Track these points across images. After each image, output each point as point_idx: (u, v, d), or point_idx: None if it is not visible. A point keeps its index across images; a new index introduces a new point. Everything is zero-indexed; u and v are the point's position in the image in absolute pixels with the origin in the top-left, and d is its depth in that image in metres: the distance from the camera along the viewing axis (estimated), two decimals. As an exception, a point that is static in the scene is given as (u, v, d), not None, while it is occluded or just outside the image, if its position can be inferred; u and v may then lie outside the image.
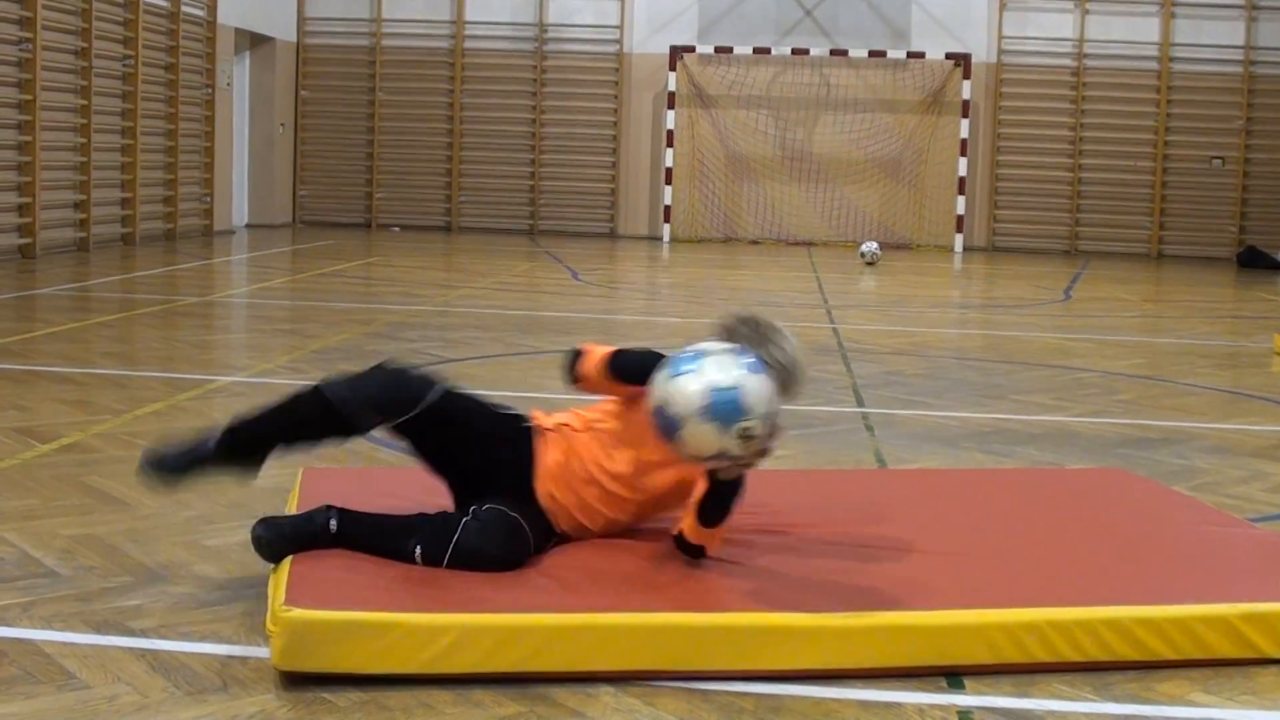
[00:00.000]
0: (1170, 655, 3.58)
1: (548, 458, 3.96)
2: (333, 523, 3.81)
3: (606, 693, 3.28)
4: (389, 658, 3.28)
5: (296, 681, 3.28)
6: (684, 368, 3.58)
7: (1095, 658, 3.54)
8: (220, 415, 6.72)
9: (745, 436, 3.53)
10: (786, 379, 3.90)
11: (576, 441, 3.98)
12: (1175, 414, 7.62)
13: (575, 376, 4.03)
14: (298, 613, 3.28)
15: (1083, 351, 10.19)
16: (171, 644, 3.51)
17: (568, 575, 3.72)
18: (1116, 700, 3.37)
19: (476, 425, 4.00)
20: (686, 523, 3.82)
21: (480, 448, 3.97)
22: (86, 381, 7.43)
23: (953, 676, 3.46)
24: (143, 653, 3.45)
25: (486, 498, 3.85)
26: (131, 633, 3.58)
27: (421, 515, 3.84)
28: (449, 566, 3.68)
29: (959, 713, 3.26)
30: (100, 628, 3.61)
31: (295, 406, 3.90)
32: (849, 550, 4.08)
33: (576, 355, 4.01)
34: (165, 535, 4.50)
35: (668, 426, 3.57)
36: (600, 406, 4.07)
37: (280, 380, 7.64)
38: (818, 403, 7.58)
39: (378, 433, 3.96)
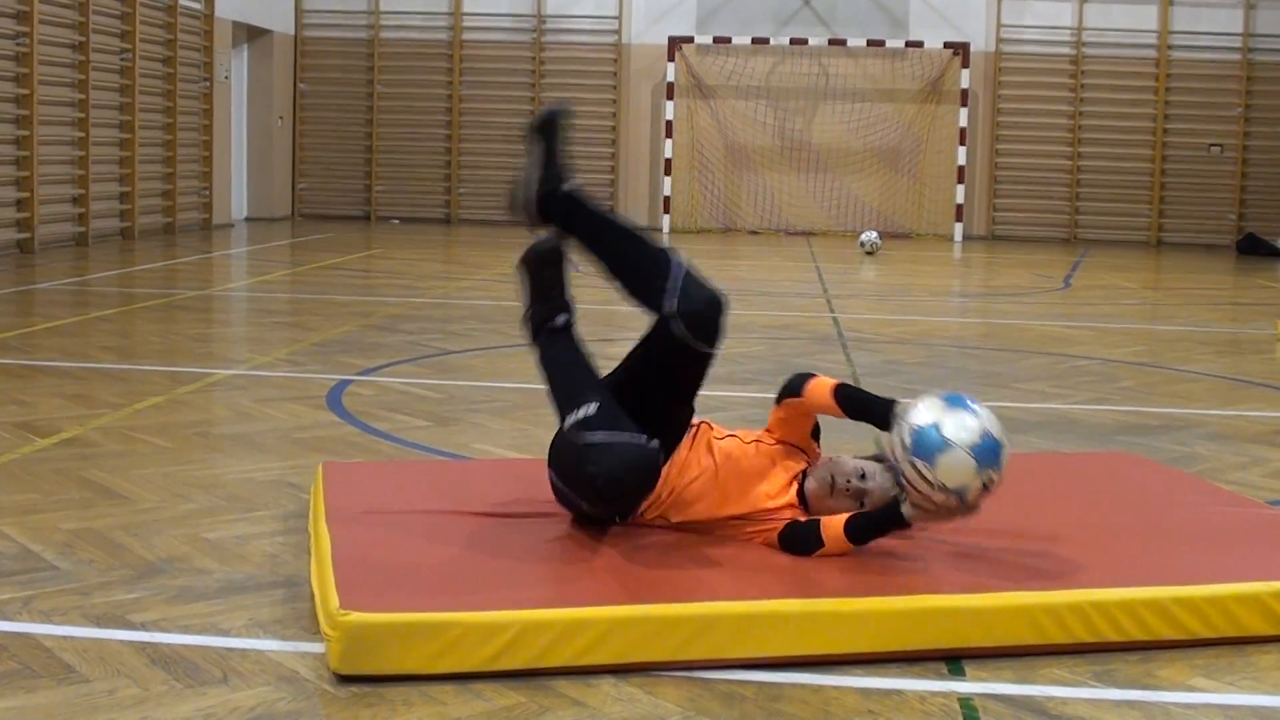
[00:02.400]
0: (1206, 634, 3.62)
1: (701, 440, 4.10)
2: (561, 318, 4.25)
3: (607, 682, 3.28)
4: (448, 657, 3.27)
5: (299, 674, 3.28)
6: (967, 404, 3.76)
7: (1134, 638, 3.58)
8: (220, 409, 6.75)
9: (984, 487, 3.71)
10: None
11: (725, 442, 4.13)
12: (1175, 401, 7.61)
13: (789, 396, 4.12)
14: (356, 616, 3.26)
15: (1083, 339, 10.19)
16: (171, 637, 3.51)
17: (611, 568, 3.74)
18: (1118, 686, 3.37)
19: (683, 386, 4.08)
20: (833, 523, 3.85)
21: (665, 394, 4.06)
22: (86, 376, 7.43)
23: (954, 663, 3.46)
24: (142, 646, 3.44)
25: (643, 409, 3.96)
26: (131, 626, 3.58)
27: (604, 392, 3.98)
28: (586, 445, 3.78)
29: (960, 699, 3.26)
30: (100, 621, 3.61)
31: (640, 242, 4.18)
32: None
33: (801, 380, 4.12)
34: (164, 528, 4.50)
35: (927, 443, 3.69)
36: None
37: (280, 374, 7.64)
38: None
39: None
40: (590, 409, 3.85)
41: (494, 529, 4.04)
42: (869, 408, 3.98)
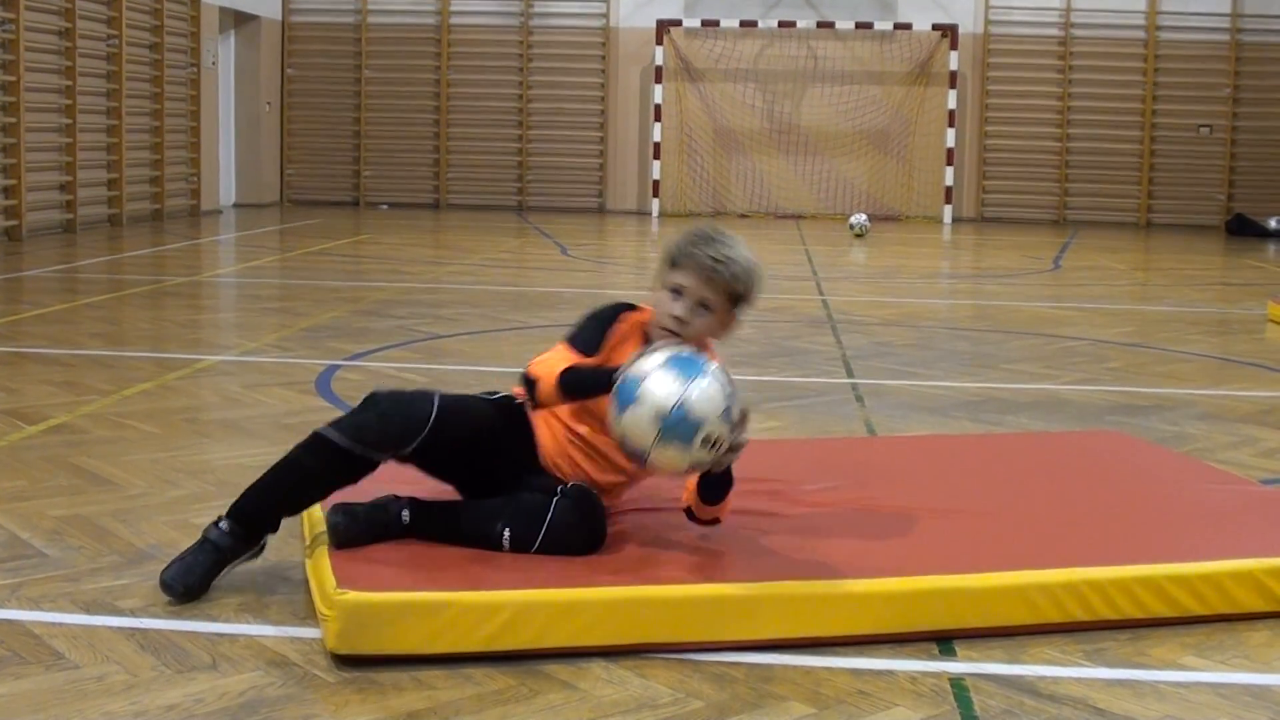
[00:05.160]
0: (1201, 611, 3.63)
1: (542, 431, 3.94)
2: (405, 513, 3.75)
3: (598, 665, 3.28)
4: (445, 637, 3.27)
5: (289, 659, 3.28)
6: (627, 401, 3.47)
7: (1129, 616, 3.59)
8: (209, 395, 6.73)
9: (709, 444, 3.47)
10: (747, 284, 3.83)
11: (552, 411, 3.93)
12: (1165, 381, 7.62)
13: (536, 405, 3.86)
14: (353, 595, 3.26)
15: (1072, 320, 10.19)
16: (160, 623, 3.50)
17: (607, 550, 3.73)
18: (1109, 665, 3.37)
19: (478, 422, 3.89)
20: (692, 502, 3.78)
21: (488, 441, 3.88)
22: (74, 363, 7.40)
23: (944, 643, 3.46)
24: (132, 632, 3.43)
25: (505, 486, 3.82)
26: (120, 612, 3.57)
27: (500, 500, 3.78)
28: (539, 550, 3.65)
29: (951, 679, 3.26)
30: (89, 608, 3.60)
31: (299, 462, 3.74)
32: (841, 517, 4.08)
33: (531, 385, 3.78)
34: (153, 515, 4.49)
35: (636, 458, 3.54)
36: None
37: (269, 359, 7.62)
38: (808, 374, 7.58)
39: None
40: (505, 536, 3.68)
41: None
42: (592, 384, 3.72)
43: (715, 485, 3.72)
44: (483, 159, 22.66)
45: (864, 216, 18.87)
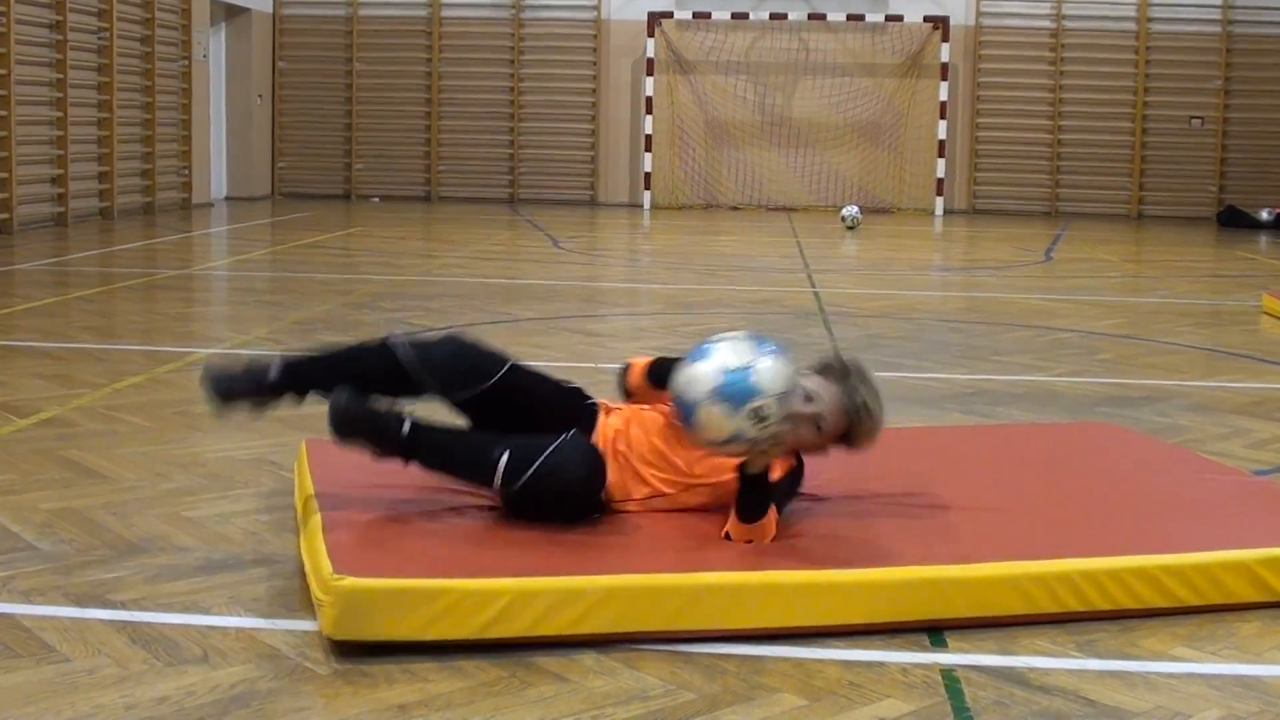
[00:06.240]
0: (1195, 601, 3.64)
1: (608, 428, 3.96)
2: (406, 425, 3.77)
3: (589, 656, 3.28)
4: (442, 624, 3.27)
5: (280, 651, 3.27)
6: (699, 356, 3.59)
7: (1123, 606, 3.59)
8: (200, 388, 6.71)
9: (758, 418, 3.52)
10: (856, 421, 3.88)
11: (643, 416, 3.98)
12: (1156, 372, 7.63)
13: (626, 391, 4.04)
14: (350, 581, 3.26)
15: (1064, 312, 10.20)
16: (152, 615, 3.49)
17: (604, 539, 3.74)
18: (1099, 656, 3.38)
19: (542, 400, 3.96)
20: (730, 521, 3.76)
21: (544, 421, 3.90)
22: (65, 356, 7.40)
23: (935, 634, 3.46)
24: (123, 625, 3.43)
25: None
26: (111, 605, 3.57)
27: (500, 436, 3.81)
28: (526, 485, 3.67)
29: (942, 670, 3.26)
30: (80, 601, 3.59)
31: (361, 356, 3.91)
32: (832, 508, 4.09)
33: (625, 370, 4.03)
34: (145, 508, 4.48)
35: (685, 413, 3.59)
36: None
37: (261, 350, 7.61)
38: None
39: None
40: (503, 460, 3.72)
41: (482, 500, 4.02)
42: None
43: (752, 493, 3.71)
44: (474, 152, 22.64)
45: (855, 208, 18.87)
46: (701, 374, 3.55)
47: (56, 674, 3.13)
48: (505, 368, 3.89)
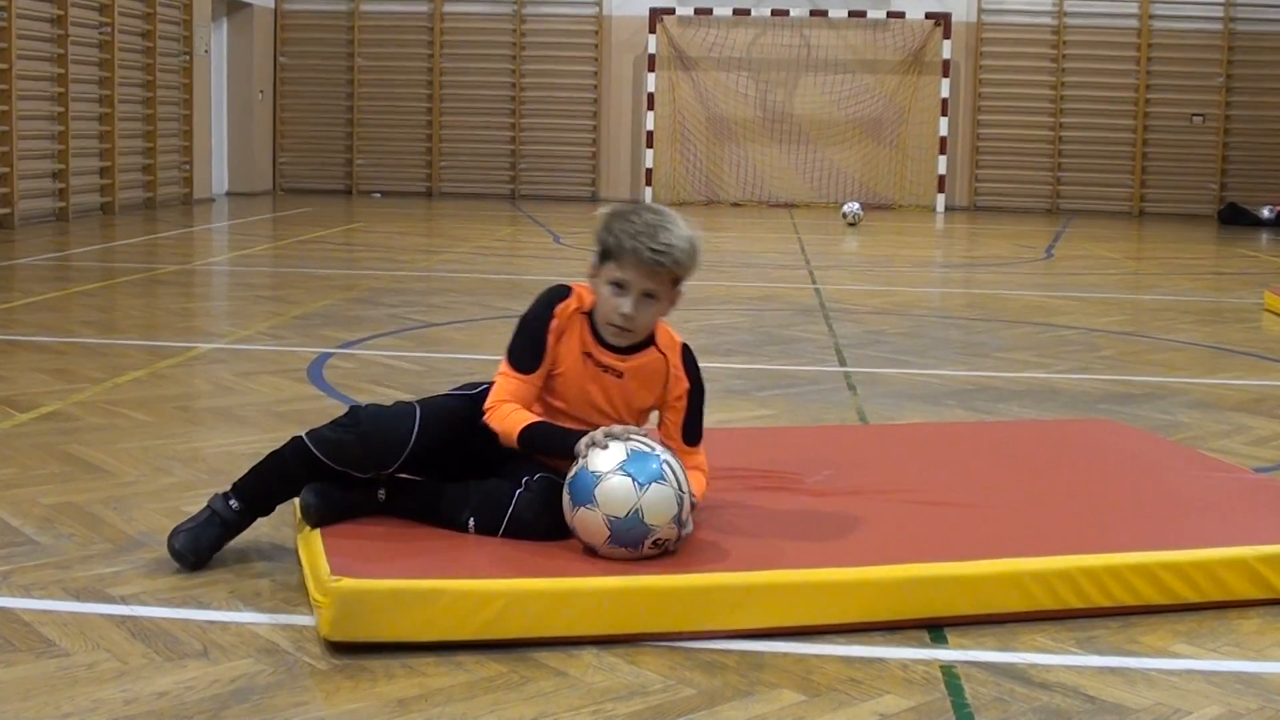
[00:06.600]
0: (1194, 598, 3.64)
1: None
2: (381, 492, 3.78)
3: (589, 653, 3.27)
4: (439, 625, 3.27)
5: (280, 646, 3.27)
6: (582, 500, 3.54)
7: (1123, 603, 3.59)
8: (201, 383, 6.72)
9: (658, 547, 3.55)
10: (690, 265, 3.89)
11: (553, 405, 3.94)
12: (1158, 369, 7.63)
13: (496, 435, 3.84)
14: (347, 582, 3.25)
15: (1065, 309, 10.20)
16: (151, 610, 3.49)
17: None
18: (1100, 653, 3.37)
19: (459, 427, 3.86)
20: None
21: (468, 443, 3.87)
22: (66, 350, 7.39)
23: (936, 630, 3.46)
24: (122, 619, 3.43)
25: (481, 474, 3.83)
26: (111, 600, 3.56)
27: (468, 487, 3.77)
28: (504, 536, 3.68)
29: (942, 667, 3.26)
30: (80, 595, 3.59)
31: (285, 462, 3.79)
32: (833, 505, 4.08)
33: (487, 411, 3.80)
34: (145, 502, 4.48)
35: (586, 548, 3.59)
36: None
37: (261, 347, 7.61)
38: (800, 362, 7.58)
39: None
40: (471, 524, 3.69)
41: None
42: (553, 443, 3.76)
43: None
44: (476, 147, 22.63)
45: (857, 205, 18.87)
46: (593, 523, 3.52)
47: (56, 668, 3.13)
48: (416, 423, 3.75)
